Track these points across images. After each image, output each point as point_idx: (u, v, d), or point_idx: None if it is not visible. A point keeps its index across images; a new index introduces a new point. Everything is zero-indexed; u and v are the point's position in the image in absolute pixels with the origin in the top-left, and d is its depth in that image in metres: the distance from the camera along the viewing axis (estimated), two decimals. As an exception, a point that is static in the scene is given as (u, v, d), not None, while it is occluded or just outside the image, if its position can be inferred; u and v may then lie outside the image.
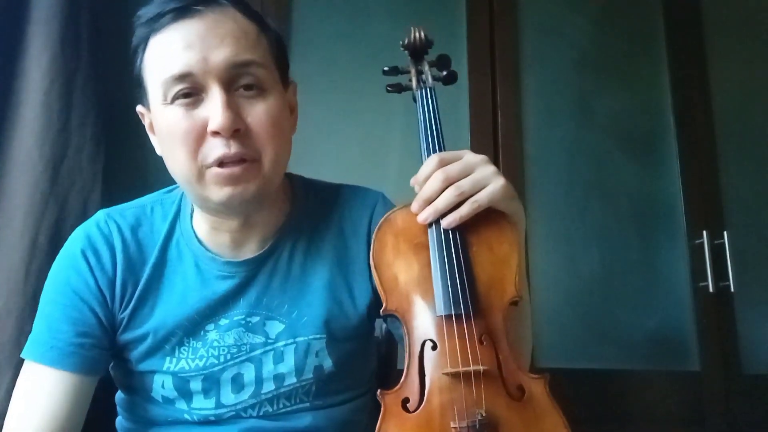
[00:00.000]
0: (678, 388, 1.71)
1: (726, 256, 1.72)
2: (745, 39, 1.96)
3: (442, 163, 0.78)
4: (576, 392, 0.75)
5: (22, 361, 0.86)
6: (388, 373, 1.06)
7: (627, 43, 1.93)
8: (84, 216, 1.31)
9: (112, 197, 1.41)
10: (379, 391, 0.73)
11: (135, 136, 1.48)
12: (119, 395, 0.95)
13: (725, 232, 1.75)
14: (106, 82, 1.47)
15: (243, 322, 0.86)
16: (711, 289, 1.72)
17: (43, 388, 0.82)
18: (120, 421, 0.95)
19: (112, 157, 1.48)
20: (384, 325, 1.13)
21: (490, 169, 0.77)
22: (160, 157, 0.84)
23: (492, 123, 1.79)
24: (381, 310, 0.77)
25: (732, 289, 1.71)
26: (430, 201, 0.77)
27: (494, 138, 1.78)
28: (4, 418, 1.12)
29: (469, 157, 0.78)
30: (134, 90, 0.85)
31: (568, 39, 1.90)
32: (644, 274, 1.78)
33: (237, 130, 0.76)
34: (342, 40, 1.79)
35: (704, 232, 1.75)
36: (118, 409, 0.96)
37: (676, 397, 1.70)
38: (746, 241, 1.78)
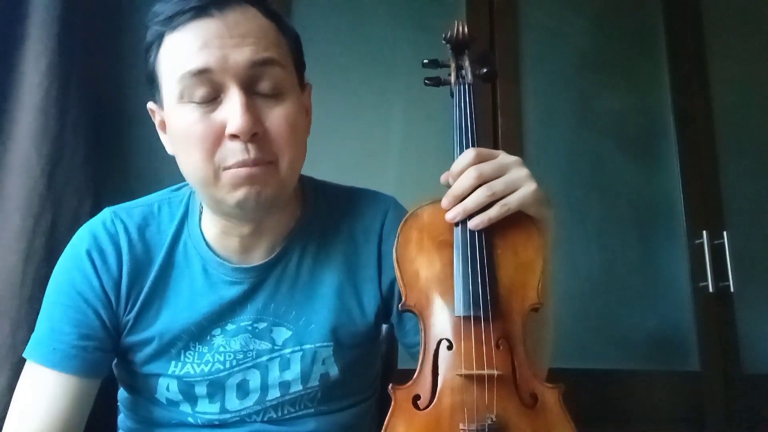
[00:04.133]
0: (678, 388, 1.71)
1: (726, 256, 1.73)
2: (745, 39, 1.96)
3: (478, 158, 0.76)
4: (576, 392, 0.74)
5: (18, 362, 0.86)
6: (388, 373, 1.06)
7: (627, 43, 1.94)
8: (78, 220, 1.31)
9: (104, 201, 1.41)
10: (390, 385, 0.73)
11: (127, 141, 1.49)
12: (122, 393, 0.94)
13: (725, 232, 1.75)
14: (99, 87, 1.47)
15: (250, 327, 0.85)
16: (711, 289, 1.72)
17: (44, 389, 0.81)
18: (122, 420, 0.94)
19: (104, 160, 1.48)
20: (385, 326, 1.12)
21: (524, 172, 0.75)
22: (152, 162, 0.82)
23: (492, 123, 1.79)
24: (399, 305, 0.76)
25: (732, 289, 1.72)
26: (461, 198, 0.75)
27: (494, 138, 1.77)
28: (2, 420, 1.12)
29: (504, 158, 0.76)
30: (144, 87, 0.83)
31: (568, 39, 1.90)
32: (644, 274, 1.78)
33: (255, 134, 0.74)
34: (342, 40, 1.79)
35: (704, 232, 1.75)
36: (120, 407, 0.95)
37: (676, 397, 1.70)
38: (746, 241, 1.78)
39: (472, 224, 0.75)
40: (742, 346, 1.74)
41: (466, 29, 0.92)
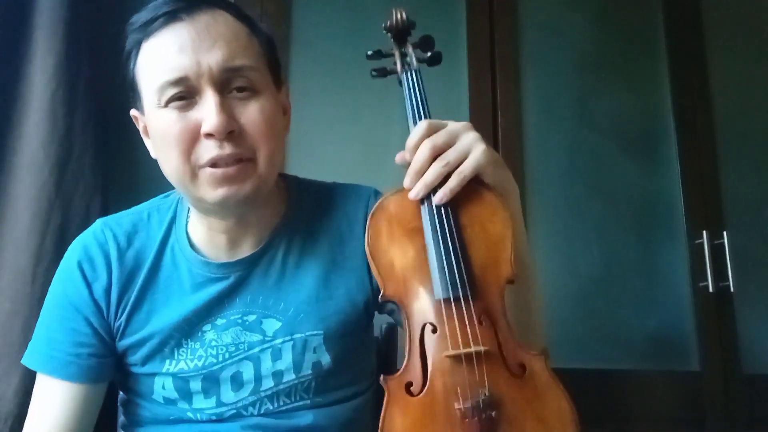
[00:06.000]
0: (678, 388, 1.71)
1: (726, 256, 1.73)
2: (745, 39, 1.96)
3: (430, 129, 0.77)
4: (576, 392, 0.74)
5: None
6: (388, 370, 1.06)
7: (627, 43, 1.93)
8: (87, 220, 1.32)
9: (113, 201, 1.42)
10: (382, 376, 0.74)
11: (134, 141, 1.49)
12: (122, 396, 0.96)
13: (725, 232, 1.75)
14: (106, 87, 1.47)
15: (240, 320, 0.87)
16: (711, 289, 1.72)
17: (48, 397, 0.85)
18: (123, 421, 0.96)
19: (112, 161, 1.48)
20: (383, 325, 1.13)
21: (471, 135, 0.76)
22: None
23: (492, 123, 1.79)
24: (379, 297, 0.77)
25: (732, 289, 1.71)
26: (421, 173, 0.76)
27: (494, 138, 1.77)
28: (13, 420, 1.14)
29: (453, 125, 0.78)
30: (127, 94, 0.86)
31: (568, 39, 1.90)
32: (644, 274, 1.78)
33: (231, 132, 0.77)
34: (342, 40, 1.79)
35: (704, 232, 1.75)
36: (121, 409, 0.96)
37: (676, 397, 1.70)
38: (746, 241, 1.78)
39: (436, 199, 0.76)
40: (742, 346, 1.74)
41: (404, 15, 0.93)
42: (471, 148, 0.75)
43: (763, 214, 1.84)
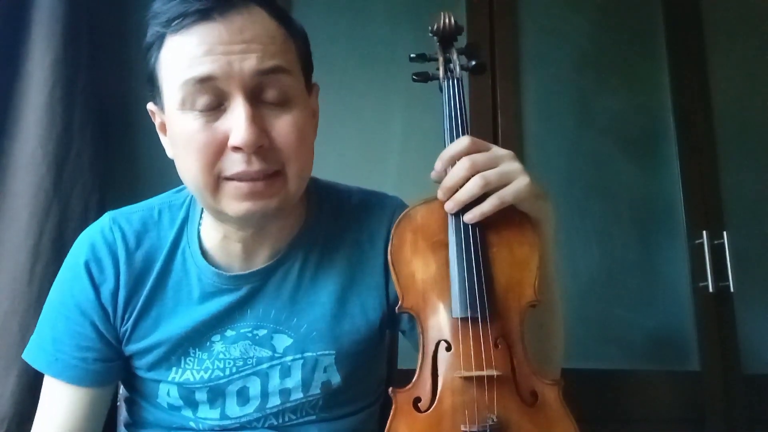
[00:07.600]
0: (678, 388, 1.70)
1: (726, 256, 1.72)
2: (745, 39, 1.96)
3: (473, 146, 0.74)
4: (576, 392, 0.74)
5: (26, 361, 0.87)
6: (389, 374, 1.05)
7: (627, 43, 1.93)
8: (85, 218, 1.32)
9: (111, 199, 1.41)
10: (390, 388, 0.73)
11: (133, 138, 1.49)
12: (124, 393, 0.94)
13: (725, 232, 1.75)
14: (105, 84, 1.47)
15: (250, 334, 0.84)
16: (711, 289, 1.72)
17: (54, 398, 0.83)
18: (125, 419, 0.94)
19: (111, 158, 1.48)
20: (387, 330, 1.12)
21: (517, 165, 0.74)
22: (158, 160, 0.81)
23: (492, 123, 1.78)
24: (396, 308, 0.76)
25: (732, 289, 1.71)
26: (455, 189, 0.74)
27: (494, 138, 1.77)
28: (9, 420, 1.14)
29: (497, 150, 0.75)
30: (144, 88, 0.80)
31: (568, 39, 1.90)
32: (644, 274, 1.78)
33: (260, 146, 0.72)
34: (342, 40, 1.79)
35: (704, 232, 1.75)
36: (125, 406, 0.95)
37: (676, 397, 1.70)
38: (746, 241, 1.78)
39: (467, 218, 0.74)
40: (742, 346, 1.73)
41: (453, 20, 0.90)
42: (515, 177, 0.73)
43: (763, 214, 1.84)
